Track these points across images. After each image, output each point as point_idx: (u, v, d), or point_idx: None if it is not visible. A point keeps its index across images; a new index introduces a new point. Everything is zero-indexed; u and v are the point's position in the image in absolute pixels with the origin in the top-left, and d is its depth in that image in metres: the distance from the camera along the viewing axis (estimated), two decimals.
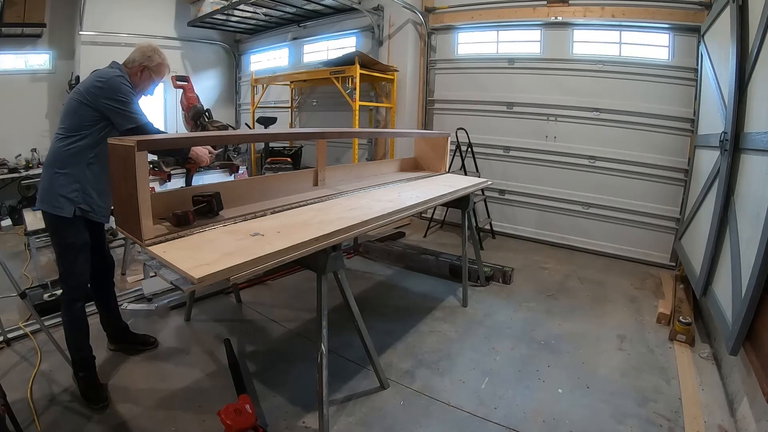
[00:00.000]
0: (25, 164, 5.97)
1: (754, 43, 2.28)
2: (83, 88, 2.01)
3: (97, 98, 1.97)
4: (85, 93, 1.99)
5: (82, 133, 2.00)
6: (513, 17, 4.99)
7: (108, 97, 1.96)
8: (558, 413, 2.14)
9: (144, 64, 2.15)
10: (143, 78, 2.17)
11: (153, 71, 2.18)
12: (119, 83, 2.00)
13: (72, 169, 2.01)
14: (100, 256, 2.36)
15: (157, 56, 2.18)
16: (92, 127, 2.01)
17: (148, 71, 2.17)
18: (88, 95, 1.98)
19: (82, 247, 2.12)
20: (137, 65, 2.14)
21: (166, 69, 2.26)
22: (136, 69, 2.14)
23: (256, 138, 5.53)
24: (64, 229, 2.05)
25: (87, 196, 2.05)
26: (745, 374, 2.08)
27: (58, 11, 6.31)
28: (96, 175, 2.07)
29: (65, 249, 2.10)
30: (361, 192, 2.79)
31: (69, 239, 2.07)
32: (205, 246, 1.62)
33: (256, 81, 7.01)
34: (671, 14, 4.14)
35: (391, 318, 3.11)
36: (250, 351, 2.66)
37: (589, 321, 3.17)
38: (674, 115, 4.25)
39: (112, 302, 2.54)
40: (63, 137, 2.01)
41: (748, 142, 2.30)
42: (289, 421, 2.04)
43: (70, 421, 1.96)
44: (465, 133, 5.07)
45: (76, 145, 2.00)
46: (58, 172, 2.00)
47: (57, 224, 2.05)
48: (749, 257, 1.98)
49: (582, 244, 4.89)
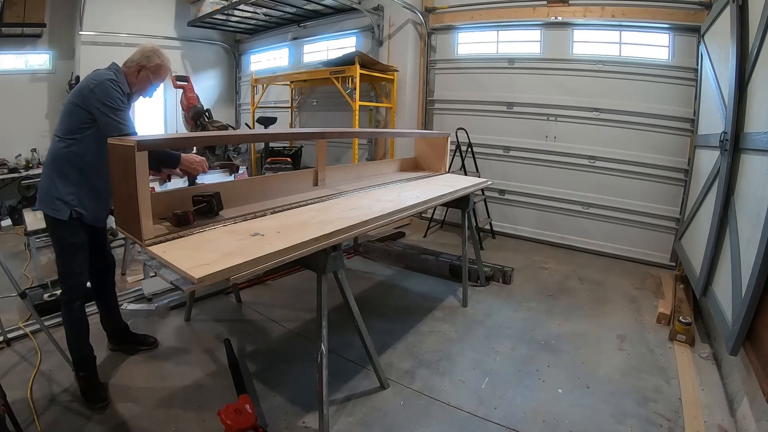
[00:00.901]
0: (25, 164, 5.97)
1: (754, 43, 2.28)
2: (77, 90, 2.00)
3: (87, 100, 1.95)
4: (79, 94, 1.98)
5: (77, 137, 1.98)
6: (513, 17, 4.99)
7: (98, 100, 1.94)
8: (558, 413, 2.14)
9: (142, 63, 2.11)
10: (140, 78, 2.13)
11: (151, 72, 2.14)
12: (109, 87, 1.96)
13: (68, 172, 2.00)
14: (100, 255, 2.36)
15: (156, 57, 2.14)
16: (86, 130, 1.98)
17: (146, 71, 2.13)
18: (81, 97, 1.97)
19: (81, 247, 2.11)
20: (135, 65, 2.11)
21: (167, 72, 2.21)
22: (133, 69, 2.11)
23: (256, 138, 5.53)
24: (61, 229, 2.05)
25: (83, 199, 2.04)
26: (745, 374, 2.08)
27: (58, 11, 6.31)
28: (92, 179, 2.05)
29: (63, 249, 2.10)
30: (361, 192, 2.79)
31: (67, 239, 2.07)
32: (205, 246, 1.62)
33: (256, 81, 7.01)
34: (671, 14, 4.14)
35: (391, 318, 3.11)
36: (250, 351, 2.66)
37: (589, 321, 3.17)
38: (674, 115, 4.25)
39: (112, 302, 2.54)
40: (60, 139, 2.00)
41: (748, 142, 2.30)
42: (289, 421, 2.04)
43: (70, 421, 1.96)
44: (465, 133, 5.07)
45: (71, 149, 1.99)
46: (54, 175, 2.00)
47: (55, 225, 2.05)
48: (749, 257, 1.98)
49: (582, 244, 4.89)
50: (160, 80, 2.21)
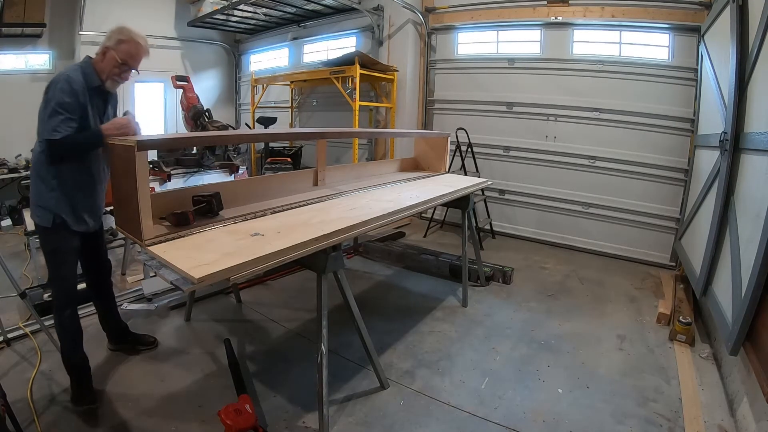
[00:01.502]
0: (25, 164, 5.95)
1: (754, 43, 2.27)
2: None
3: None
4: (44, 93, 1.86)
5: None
6: (513, 17, 4.99)
7: (44, 99, 1.82)
8: (558, 413, 2.14)
9: (106, 45, 1.92)
10: (107, 61, 1.92)
11: (117, 52, 1.91)
12: (56, 88, 1.81)
13: (46, 177, 1.92)
14: (96, 260, 2.33)
15: (119, 34, 1.92)
16: None
17: (111, 52, 1.91)
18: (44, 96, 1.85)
19: (69, 252, 2.04)
20: (101, 49, 1.93)
21: (134, 47, 1.95)
22: (100, 54, 1.94)
23: (256, 138, 5.54)
24: (48, 235, 1.99)
25: (62, 205, 1.95)
26: (745, 374, 2.08)
27: (58, 11, 6.31)
28: (70, 183, 1.94)
29: (51, 254, 2.04)
30: (361, 192, 2.79)
31: (54, 245, 2.01)
32: (205, 246, 1.62)
33: (256, 81, 7.01)
34: (671, 14, 4.14)
35: (391, 318, 3.11)
36: (250, 351, 2.66)
37: (589, 321, 3.17)
38: (674, 115, 4.25)
39: (110, 303, 2.53)
40: (38, 143, 1.90)
41: (748, 142, 2.30)
42: (289, 421, 2.04)
43: (70, 421, 1.95)
44: (465, 133, 5.07)
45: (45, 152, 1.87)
46: (36, 180, 1.94)
47: (41, 231, 2.00)
48: (749, 257, 1.98)
49: (582, 244, 4.89)
50: (130, 58, 1.95)
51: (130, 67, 1.98)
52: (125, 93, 6.79)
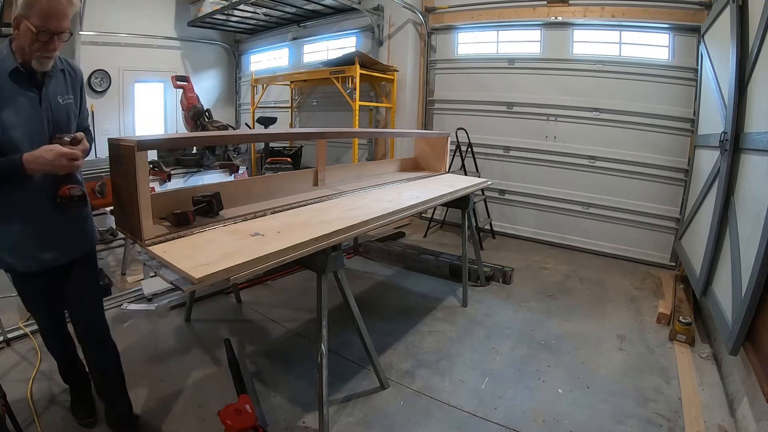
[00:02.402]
0: None
1: (754, 43, 2.28)
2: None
3: None
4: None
5: None
6: (513, 17, 4.99)
7: None
8: (558, 413, 2.14)
9: (15, 15, 1.40)
10: (22, 33, 1.40)
11: (27, 18, 1.37)
12: None
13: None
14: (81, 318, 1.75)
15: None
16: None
17: (24, 22, 1.38)
18: None
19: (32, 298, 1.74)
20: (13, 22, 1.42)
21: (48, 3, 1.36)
22: (14, 29, 1.43)
23: (256, 138, 5.53)
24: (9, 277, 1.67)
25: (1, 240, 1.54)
26: (745, 374, 2.08)
27: None
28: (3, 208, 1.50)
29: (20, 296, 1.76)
30: (361, 192, 2.79)
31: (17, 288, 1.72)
32: (205, 246, 1.62)
33: (256, 81, 7.01)
34: (671, 14, 4.14)
35: (391, 318, 3.11)
36: (250, 351, 2.66)
37: (589, 321, 3.17)
38: (674, 115, 4.25)
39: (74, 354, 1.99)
40: None
41: (748, 142, 2.30)
42: (289, 421, 2.04)
43: (70, 421, 1.95)
44: (465, 133, 5.07)
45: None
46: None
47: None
48: (749, 257, 1.98)
49: (582, 244, 4.89)
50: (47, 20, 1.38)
51: (52, 32, 1.40)
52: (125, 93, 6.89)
